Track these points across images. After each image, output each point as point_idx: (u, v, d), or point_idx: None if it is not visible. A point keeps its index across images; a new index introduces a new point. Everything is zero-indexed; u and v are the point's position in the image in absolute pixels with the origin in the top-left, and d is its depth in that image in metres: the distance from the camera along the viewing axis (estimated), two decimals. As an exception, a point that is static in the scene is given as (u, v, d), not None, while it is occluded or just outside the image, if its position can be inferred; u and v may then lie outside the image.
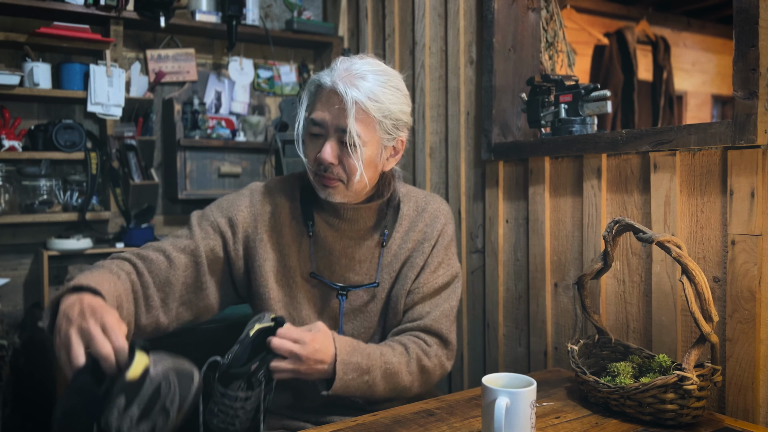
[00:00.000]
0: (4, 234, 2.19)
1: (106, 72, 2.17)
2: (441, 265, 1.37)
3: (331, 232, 1.34)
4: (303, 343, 1.13)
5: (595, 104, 1.56)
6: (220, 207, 1.34)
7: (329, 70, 1.26)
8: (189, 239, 1.29)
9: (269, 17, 2.73)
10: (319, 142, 1.25)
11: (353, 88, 1.21)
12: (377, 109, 1.23)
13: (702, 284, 1.10)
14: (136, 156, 2.30)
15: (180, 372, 0.96)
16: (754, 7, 1.15)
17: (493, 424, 0.96)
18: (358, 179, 1.25)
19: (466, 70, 1.96)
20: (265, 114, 2.60)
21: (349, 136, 1.20)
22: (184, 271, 1.26)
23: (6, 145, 2.07)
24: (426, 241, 1.36)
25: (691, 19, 4.86)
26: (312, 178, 1.29)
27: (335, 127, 1.22)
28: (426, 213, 1.39)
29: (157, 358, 0.96)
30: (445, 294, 1.37)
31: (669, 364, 1.18)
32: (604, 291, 1.50)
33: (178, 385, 0.94)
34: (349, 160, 1.23)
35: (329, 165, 1.24)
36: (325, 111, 1.23)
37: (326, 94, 1.24)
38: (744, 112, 1.18)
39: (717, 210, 1.26)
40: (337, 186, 1.26)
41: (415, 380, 1.30)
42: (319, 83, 1.26)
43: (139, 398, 0.92)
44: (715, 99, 5.12)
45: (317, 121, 1.24)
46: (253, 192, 1.37)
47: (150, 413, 0.93)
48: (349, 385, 1.20)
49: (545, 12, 1.98)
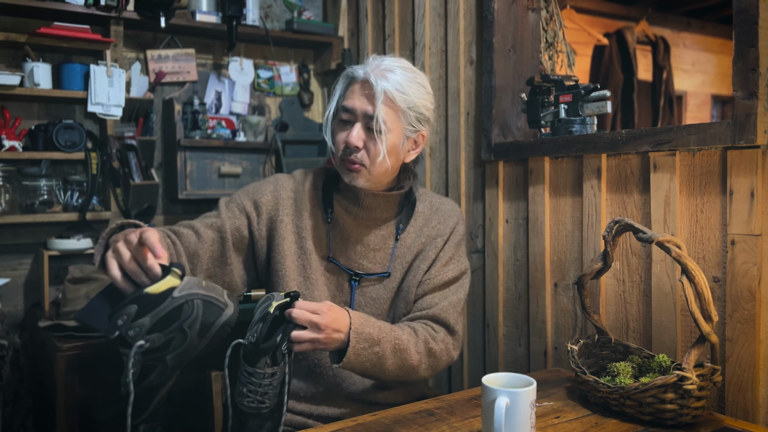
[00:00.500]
0: (4, 234, 2.19)
1: (107, 72, 2.17)
2: (451, 260, 1.45)
3: (349, 218, 1.42)
4: (321, 313, 1.20)
5: (594, 104, 1.56)
6: (246, 191, 1.44)
7: (362, 65, 1.38)
8: (216, 218, 1.39)
9: (269, 17, 2.73)
10: (347, 128, 1.35)
11: (383, 79, 1.32)
12: (403, 99, 1.34)
13: (702, 284, 1.10)
14: (137, 156, 2.30)
15: (209, 301, 1.01)
16: (754, 7, 1.16)
17: (493, 424, 0.96)
18: (380, 162, 1.33)
19: (466, 71, 1.96)
20: (265, 114, 2.60)
21: (376, 121, 1.31)
22: (211, 246, 1.35)
23: (6, 145, 2.07)
24: (439, 237, 1.45)
25: (691, 19, 4.86)
26: (337, 163, 1.38)
27: (363, 113, 1.33)
28: (440, 212, 1.48)
29: (191, 283, 1.03)
30: (453, 287, 1.44)
31: (669, 364, 1.18)
32: (604, 291, 1.50)
33: (202, 312, 1.01)
34: (374, 144, 1.33)
35: (354, 148, 1.32)
36: (355, 99, 1.34)
37: (358, 85, 1.35)
38: (744, 112, 1.18)
39: (717, 210, 1.26)
40: (360, 170, 1.35)
41: (423, 361, 1.35)
42: (352, 75, 1.37)
43: (155, 312, 1.00)
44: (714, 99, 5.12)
45: (348, 108, 1.34)
46: (278, 179, 1.47)
47: (164, 328, 1.01)
48: (360, 354, 1.25)
49: (545, 12, 1.98)
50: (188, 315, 1.00)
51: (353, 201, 1.42)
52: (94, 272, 1.88)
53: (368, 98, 1.33)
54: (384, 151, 1.32)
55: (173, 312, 1.00)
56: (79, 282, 1.85)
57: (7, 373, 2.15)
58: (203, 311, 1.02)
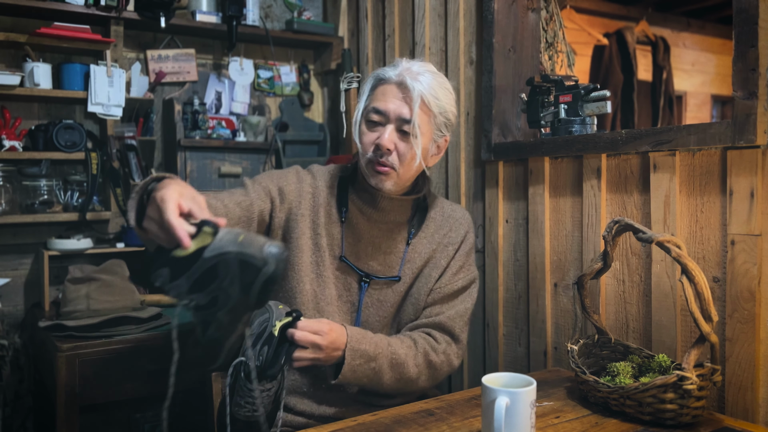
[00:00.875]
0: (4, 234, 2.19)
1: (107, 72, 2.18)
2: (461, 269, 1.45)
3: (362, 219, 1.42)
4: (323, 334, 1.21)
5: (594, 104, 1.56)
6: (271, 176, 1.42)
7: (390, 68, 1.37)
8: (244, 195, 1.35)
9: (269, 17, 2.73)
10: (377, 130, 1.33)
11: (417, 82, 1.32)
12: (436, 104, 1.34)
13: (702, 284, 1.10)
14: (137, 156, 2.30)
15: (243, 259, 0.94)
16: (754, 7, 1.16)
17: (493, 424, 0.96)
18: (411, 166, 1.34)
19: (466, 71, 1.96)
20: (265, 114, 2.60)
21: (412, 126, 1.30)
22: (236, 224, 1.32)
23: (6, 145, 2.07)
24: (450, 245, 1.45)
25: (690, 19, 4.86)
26: (364, 164, 1.36)
27: (397, 116, 1.32)
28: (452, 219, 1.48)
29: (224, 240, 0.96)
30: (462, 297, 1.45)
31: (669, 364, 1.18)
32: (604, 291, 1.50)
33: (239, 271, 0.95)
34: (407, 148, 1.32)
35: (387, 151, 1.31)
36: (388, 101, 1.32)
37: (389, 87, 1.34)
38: (744, 112, 1.18)
39: (716, 210, 1.26)
40: (389, 173, 1.34)
41: (422, 373, 1.36)
42: (382, 77, 1.36)
43: (188, 274, 0.95)
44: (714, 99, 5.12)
45: (380, 110, 1.33)
46: (299, 172, 1.46)
47: (204, 288, 0.96)
48: (356, 370, 1.27)
49: (545, 12, 1.98)
50: (224, 275, 0.94)
51: (369, 202, 1.41)
52: (94, 272, 1.88)
53: (403, 101, 1.32)
54: (419, 156, 1.32)
55: (207, 273, 0.95)
56: (79, 282, 1.85)
57: (7, 373, 2.15)
58: (239, 270, 0.94)
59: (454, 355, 1.41)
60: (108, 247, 2.23)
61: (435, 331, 1.40)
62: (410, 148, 1.33)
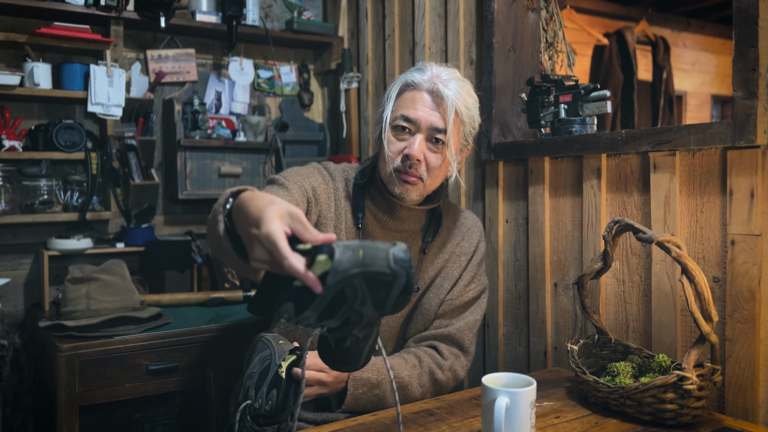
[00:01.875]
0: (4, 234, 2.19)
1: (107, 72, 2.17)
2: (473, 280, 1.44)
3: (377, 227, 1.38)
4: (328, 370, 1.20)
5: (594, 104, 1.56)
6: (302, 175, 1.34)
7: (418, 72, 1.31)
8: (288, 194, 1.25)
9: (269, 17, 2.73)
10: (405, 138, 1.29)
11: (450, 90, 1.27)
12: (467, 114, 1.30)
13: (702, 284, 1.10)
14: (137, 156, 2.30)
15: (370, 277, 0.85)
16: (754, 7, 1.16)
17: (493, 424, 0.96)
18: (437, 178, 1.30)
19: (466, 70, 1.96)
20: (265, 114, 2.60)
21: (447, 137, 1.26)
22: None
23: (6, 145, 2.07)
24: (463, 255, 1.43)
25: (690, 19, 4.86)
26: (389, 172, 1.31)
27: (429, 125, 1.27)
28: (464, 227, 1.46)
29: (344, 262, 0.84)
30: (472, 308, 1.44)
31: (669, 364, 1.18)
32: (604, 291, 1.50)
33: (368, 290, 0.85)
34: (436, 158, 1.28)
35: (417, 161, 1.27)
36: (419, 109, 1.27)
37: (419, 94, 1.29)
38: (744, 112, 1.18)
39: (716, 210, 1.26)
40: (416, 183, 1.30)
41: (427, 392, 1.35)
42: (411, 83, 1.30)
43: (315, 304, 0.85)
44: (714, 99, 5.12)
45: (410, 118, 1.28)
46: (321, 171, 1.39)
47: (334, 315, 0.87)
48: (359, 398, 1.26)
49: (545, 12, 1.98)
50: (353, 298, 0.85)
51: (385, 210, 1.37)
52: (94, 272, 1.88)
53: (435, 110, 1.27)
54: (454, 168, 1.30)
55: (336, 300, 0.85)
56: (79, 282, 1.85)
57: (7, 373, 2.15)
58: (368, 289, 0.85)
59: (462, 368, 1.40)
60: (108, 247, 2.23)
61: (442, 344, 1.38)
62: (440, 159, 1.29)
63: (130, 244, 2.25)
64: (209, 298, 2.15)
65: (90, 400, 1.71)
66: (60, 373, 1.67)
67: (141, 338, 1.77)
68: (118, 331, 1.77)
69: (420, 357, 1.35)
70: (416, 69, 1.33)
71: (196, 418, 2.17)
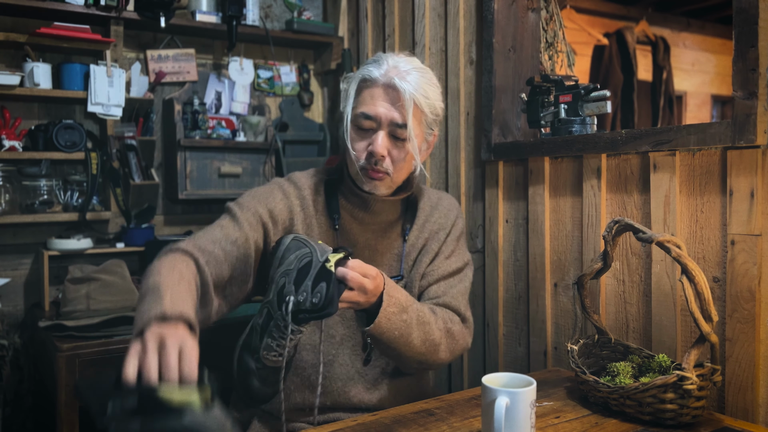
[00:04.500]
0: (4, 234, 2.19)
1: (107, 72, 2.17)
2: (454, 253, 1.43)
3: (355, 224, 1.38)
4: (371, 278, 1.14)
5: (594, 104, 1.56)
6: (257, 198, 1.33)
7: (374, 65, 1.29)
8: (237, 229, 1.26)
9: (269, 17, 2.73)
10: (369, 136, 1.29)
11: (407, 83, 1.25)
12: (427, 104, 1.29)
13: (702, 284, 1.10)
14: (137, 156, 2.30)
15: None
16: (754, 7, 1.16)
17: (493, 424, 0.96)
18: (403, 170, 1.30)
19: (466, 71, 1.96)
20: (265, 114, 2.60)
21: (407, 131, 1.26)
22: (236, 265, 1.24)
23: (6, 145, 2.07)
24: (441, 230, 1.42)
25: (690, 19, 4.86)
26: (355, 170, 1.31)
27: (389, 120, 1.26)
28: (440, 207, 1.46)
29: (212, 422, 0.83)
30: (458, 277, 1.42)
31: (669, 364, 1.18)
32: (604, 291, 1.50)
33: None
34: (399, 152, 1.29)
35: (381, 158, 1.27)
36: (378, 105, 1.26)
37: (377, 90, 1.27)
38: (743, 112, 1.18)
39: (717, 210, 1.26)
40: (383, 178, 1.30)
41: (443, 339, 1.31)
42: (368, 78, 1.28)
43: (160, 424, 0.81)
44: (714, 99, 5.12)
45: (370, 115, 1.27)
46: (282, 186, 1.38)
47: None
48: (390, 319, 1.19)
49: (545, 12, 1.98)
50: None
51: (361, 206, 1.37)
52: (94, 272, 1.88)
53: (393, 104, 1.26)
54: (417, 159, 1.29)
55: None
56: (79, 282, 1.85)
57: (7, 373, 2.15)
58: None
59: (467, 332, 1.37)
60: (108, 247, 2.23)
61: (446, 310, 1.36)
62: (404, 152, 1.29)
63: (130, 244, 2.24)
64: (209, 298, 2.15)
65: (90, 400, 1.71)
66: (60, 373, 1.66)
67: (141, 338, 1.76)
68: (118, 331, 1.77)
69: (431, 307, 1.32)
70: (373, 62, 1.30)
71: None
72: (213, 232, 1.25)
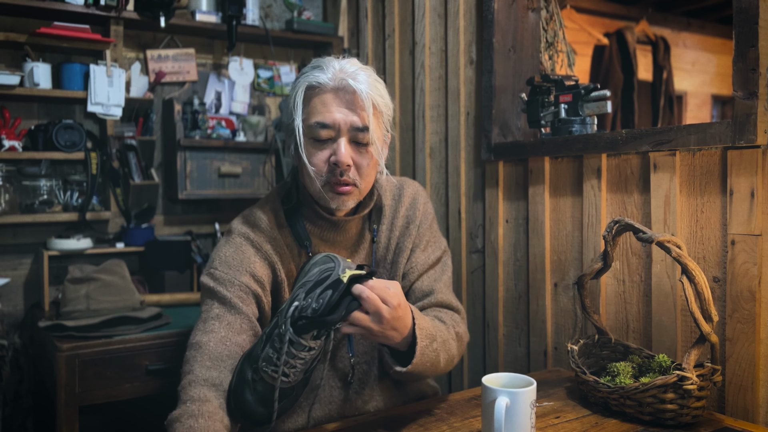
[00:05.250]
0: (4, 234, 2.19)
1: (107, 72, 2.17)
2: (429, 243, 1.37)
3: (326, 247, 1.31)
4: (390, 307, 1.04)
5: (594, 104, 1.56)
6: (233, 266, 1.22)
7: (318, 70, 1.19)
8: (236, 314, 1.17)
9: (269, 17, 2.73)
10: (328, 146, 1.19)
11: (360, 83, 1.16)
12: (383, 103, 1.22)
13: (702, 284, 1.10)
14: (136, 156, 2.30)
15: None
16: (754, 7, 1.15)
17: (493, 424, 0.96)
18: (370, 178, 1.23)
19: (466, 70, 1.96)
20: (265, 114, 2.60)
21: (370, 134, 1.17)
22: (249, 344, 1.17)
23: (6, 145, 2.07)
24: (411, 224, 1.36)
25: (691, 19, 4.86)
26: (319, 187, 1.20)
27: (349, 126, 1.17)
28: (404, 198, 1.38)
29: None
30: (439, 268, 1.37)
31: (669, 364, 1.18)
32: (604, 291, 1.50)
33: None
34: (363, 159, 1.20)
35: (347, 167, 1.17)
36: (333, 111, 1.17)
37: (328, 94, 1.18)
38: (744, 112, 1.18)
39: (717, 210, 1.26)
40: (351, 191, 1.21)
41: (457, 347, 1.27)
42: (315, 84, 1.18)
43: None
44: (715, 99, 5.12)
45: (327, 123, 1.17)
46: (249, 238, 1.26)
47: None
48: (424, 353, 1.13)
49: (545, 12, 1.98)
50: None
51: (329, 228, 1.29)
52: (93, 272, 1.88)
53: (350, 108, 1.17)
54: (382, 163, 1.21)
55: None
56: (79, 282, 1.85)
57: (7, 373, 2.15)
58: None
59: (465, 327, 1.34)
60: (108, 247, 2.23)
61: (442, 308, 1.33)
62: (368, 158, 1.20)
63: (130, 244, 2.24)
64: (209, 298, 2.15)
65: (90, 400, 1.71)
66: (60, 373, 1.66)
67: (141, 338, 1.77)
68: (118, 331, 1.77)
69: (438, 316, 1.27)
70: (314, 67, 1.20)
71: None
72: (213, 329, 1.15)
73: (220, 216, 2.57)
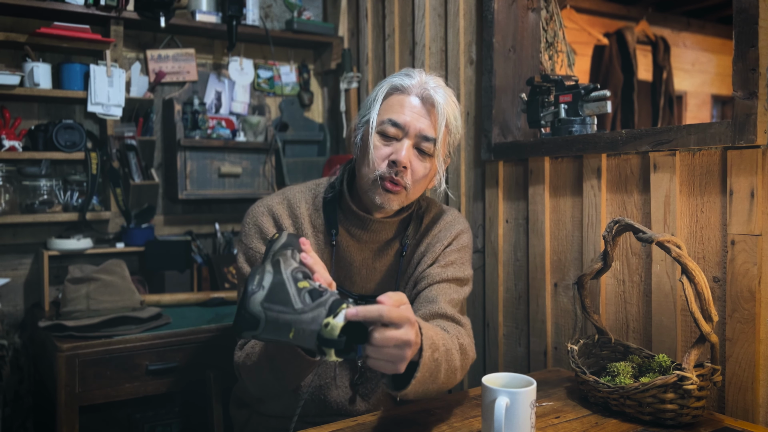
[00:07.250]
0: (4, 234, 2.19)
1: (107, 72, 2.17)
2: (452, 264, 1.33)
3: (353, 242, 1.33)
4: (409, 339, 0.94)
5: (594, 104, 1.56)
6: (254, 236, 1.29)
7: (405, 77, 1.25)
8: None
9: (269, 17, 2.73)
10: (392, 145, 1.23)
11: (441, 98, 1.23)
12: (454, 125, 1.27)
13: (702, 284, 1.10)
14: (137, 156, 2.30)
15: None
16: (754, 7, 1.16)
17: (493, 424, 0.96)
18: (420, 187, 1.26)
19: (466, 70, 1.96)
20: (265, 114, 2.60)
21: (436, 146, 1.22)
22: None
23: (6, 145, 2.07)
24: (438, 243, 1.35)
25: (690, 19, 4.86)
26: (371, 181, 1.24)
27: (417, 132, 1.22)
28: (442, 221, 1.39)
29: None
30: (453, 286, 1.31)
31: (669, 364, 1.18)
32: (604, 291, 1.50)
33: None
34: (421, 167, 1.24)
35: (403, 168, 1.21)
36: (407, 114, 1.22)
37: (408, 98, 1.23)
38: (744, 112, 1.18)
39: (717, 210, 1.26)
40: (399, 192, 1.24)
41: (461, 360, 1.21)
42: (399, 86, 1.25)
43: None
44: (714, 99, 5.12)
45: (398, 123, 1.22)
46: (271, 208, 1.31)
47: None
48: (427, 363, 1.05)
49: (545, 12, 1.98)
50: None
51: (359, 225, 1.31)
52: (94, 272, 1.88)
53: (425, 117, 1.22)
54: (441, 178, 1.25)
55: None
56: (79, 282, 1.85)
57: (7, 373, 2.15)
58: None
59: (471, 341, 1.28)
60: (108, 247, 2.23)
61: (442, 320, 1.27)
62: (425, 168, 1.24)
63: (130, 244, 2.25)
64: (209, 298, 2.15)
65: (90, 400, 1.71)
66: (60, 373, 1.66)
67: (141, 338, 1.77)
68: (118, 331, 1.77)
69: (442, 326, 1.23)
70: (403, 74, 1.27)
71: (196, 418, 2.17)
72: None
73: (220, 216, 2.57)
